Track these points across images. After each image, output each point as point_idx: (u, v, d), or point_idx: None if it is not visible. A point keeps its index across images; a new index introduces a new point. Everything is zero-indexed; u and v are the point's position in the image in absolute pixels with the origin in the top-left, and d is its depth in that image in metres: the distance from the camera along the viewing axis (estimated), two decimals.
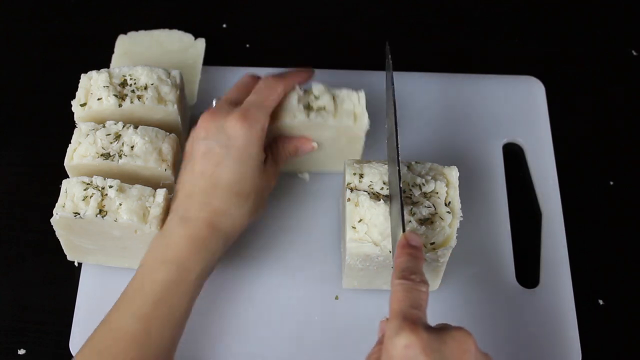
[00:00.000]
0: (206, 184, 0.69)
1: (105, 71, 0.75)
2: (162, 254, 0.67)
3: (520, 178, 0.84)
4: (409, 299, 0.56)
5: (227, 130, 0.69)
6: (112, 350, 0.63)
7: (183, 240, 0.67)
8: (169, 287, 0.65)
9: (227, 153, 0.69)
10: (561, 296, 0.76)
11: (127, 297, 0.66)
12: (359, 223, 0.68)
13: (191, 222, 0.68)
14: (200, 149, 0.70)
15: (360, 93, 0.76)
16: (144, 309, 0.64)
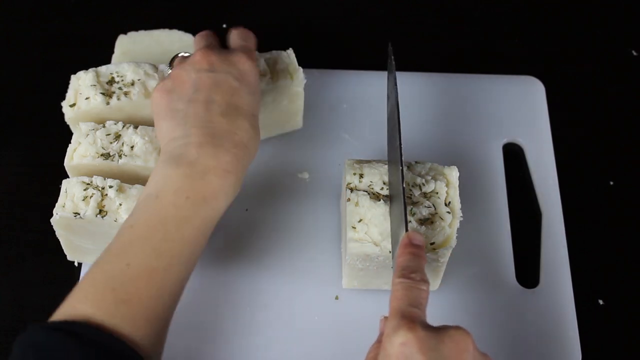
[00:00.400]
0: (225, 114, 0.66)
1: (92, 70, 0.75)
2: (187, 187, 0.62)
3: (520, 178, 0.84)
4: (408, 298, 0.56)
5: (237, 66, 0.68)
6: (128, 288, 0.58)
7: (211, 173, 0.63)
8: (194, 223, 0.61)
9: (241, 85, 0.67)
10: (561, 296, 0.75)
11: (143, 232, 0.61)
12: (359, 223, 0.68)
13: (219, 152, 0.64)
14: (208, 81, 0.67)
15: (288, 51, 0.78)
16: (167, 245, 0.60)
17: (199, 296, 0.74)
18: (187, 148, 0.64)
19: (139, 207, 0.63)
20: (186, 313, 0.73)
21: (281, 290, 0.75)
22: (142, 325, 0.57)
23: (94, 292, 0.57)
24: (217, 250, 0.77)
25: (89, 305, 0.56)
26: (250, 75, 0.69)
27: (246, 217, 0.79)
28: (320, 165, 0.82)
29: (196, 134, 0.64)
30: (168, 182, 0.62)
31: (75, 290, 0.59)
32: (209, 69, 0.68)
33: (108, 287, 0.57)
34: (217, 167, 0.63)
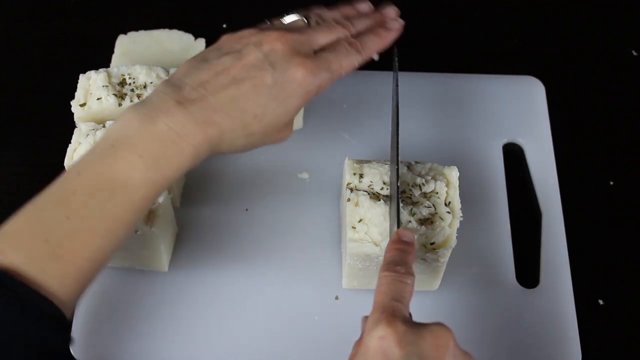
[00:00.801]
0: (230, 93, 0.60)
1: (103, 71, 0.75)
2: (143, 145, 0.57)
3: (520, 178, 0.84)
4: (391, 292, 0.56)
5: (291, 70, 0.61)
6: (64, 243, 0.54)
7: (173, 139, 0.57)
8: (142, 188, 0.57)
9: (273, 87, 0.61)
10: (561, 296, 0.75)
11: (90, 185, 0.56)
12: (359, 223, 0.68)
13: (191, 123, 0.58)
14: (251, 57, 0.61)
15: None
16: (112, 206, 0.56)
17: (199, 296, 0.74)
18: (166, 101, 0.59)
19: (93, 150, 0.58)
20: (186, 313, 0.73)
21: (281, 290, 0.75)
22: (70, 284, 0.54)
23: (27, 240, 0.54)
24: (217, 250, 0.77)
25: (21, 254, 0.53)
26: (294, 88, 0.62)
27: (246, 217, 0.79)
28: (320, 165, 0.82)
29: (187, 91, 0.59)
30: (128, 132, 0.57)
31: (7, 228, 0.55)
32: (264, 52, 0.62)
33: (42, 237, 0.54)
34: (181, 137, 0.58)
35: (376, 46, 0.68)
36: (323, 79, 0.63)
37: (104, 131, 0.61)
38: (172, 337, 0.72)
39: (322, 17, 0.68)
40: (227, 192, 0.81)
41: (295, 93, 0.62)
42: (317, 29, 0.66)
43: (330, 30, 0.66)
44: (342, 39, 0.66)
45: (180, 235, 0.78)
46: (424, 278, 0.72)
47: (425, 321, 0.55)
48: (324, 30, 0.66)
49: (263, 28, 0.65)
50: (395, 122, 0.70)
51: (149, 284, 0.75)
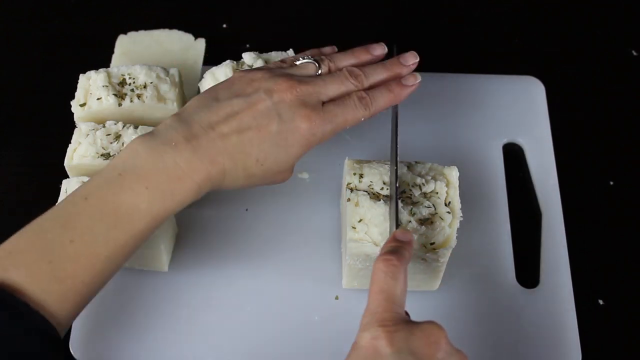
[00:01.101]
0: (235, 140, 0.62)
1: (103, 71, 0.75)
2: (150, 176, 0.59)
3: (520, 178, 0.84)
4: (382, 291, 0.56)
5: (297, 121, 0.63)
6: (66, 266, 0.56)
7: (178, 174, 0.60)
8: (146, 217, 0.59)
9: (276, 135, 0.63)
10: (561, 296, 0.75)
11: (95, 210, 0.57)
12: (359, 223, 0.68)
13: (196, 160, 0.60)
14: (260, 105, 0.63)
15: (289, 51, 0.77)
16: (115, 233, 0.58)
17: (199, 296, 0.74)
18: (174, 137, 0.61)
19: (100, 176, 0.60)
20: (186, 313, 0.73)
21: (281, 290, 0.75)
22: (67, 306, 0.56)
23: (30, 260, 0.55)
24: (217, 250, 0.77)
25: (22, 273, 0.54)
26: (297, 137, 0.64)
27: (246, 217, 0.79)
28: (320, 165, 0.82)
29: (195, 130, 0.62)
30: (136, 162, 0.59)
31: (10, 246, 0.56)
32: (277, 101, 0.64)
33: (46, 258, 0.55)
34: (186, 173, 0.60)
35: (387, 103, 0.69)
36: (326, 131, 0.65)
37: (112, 159, 0.62)
38: (172, 337, 0.72)
39: (336, 64, 0.70)
40: (227, 192, 0.81)
41: (298, 142, 0.64)
42: (328, 80, 0.67)
43: (342, 82, 0.67)
44: (353, 92, 0.67)
45: (180, 235, 0.78)
46: (424, 278, 0.72)
47: (424, 320, 0.56)
48: (335, 82, 0.67)
49: (275, 73, 0.66)
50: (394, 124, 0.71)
51: (149, 284, 0.75)
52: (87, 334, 0.72)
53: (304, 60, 0.70)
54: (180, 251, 0.77)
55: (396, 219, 0.63)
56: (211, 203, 0.80)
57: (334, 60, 0.70)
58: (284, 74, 0.66)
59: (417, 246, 0.67)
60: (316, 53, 0.72)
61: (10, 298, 0.53)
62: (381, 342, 0.53)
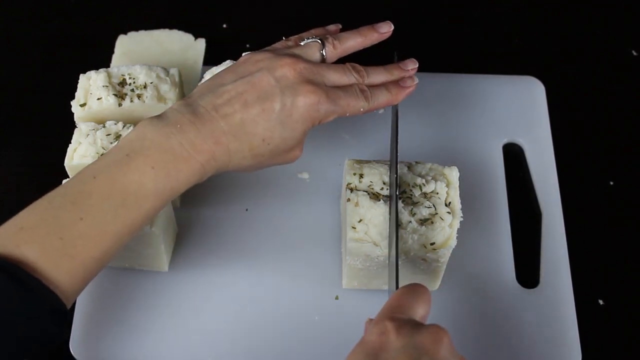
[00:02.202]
0: (239, 118, 0.63)
1: (103, 71, 0.75)
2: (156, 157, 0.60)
3: (520, 178, 0.84)
4: (400, 299, 0.56)
5: (299, 97, 0.64)
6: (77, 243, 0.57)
7: (184, 155, 0.61)
8: (152, 197, 0.60)
9: (280, 112, 0.64)
10: (561, 296, 0.75)
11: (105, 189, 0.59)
12: (359, 223, 0.68)
13: (200, 140, 0.62)
14: (263, 82, 0.64)
15: None
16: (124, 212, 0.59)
17: (199, 296, 0.74)
18: (180, 119, 0.62)
19: (108, 156, 0.61)
20: (186, 313, 0.73)
21: (281, 290, 0.75)
22: (76, 281, 0.57)
23: (42, 237, 0.56)
24: (217, 250, 0.77)
25: (35, 249, 0.55)
26: (300, 112, 0.64)
27: (246, 217, 0.79)
28: (320, 165, 0.82)
29: (200, 113, 0.63)
30: (143, 144, 0.61)
31: (21, 221, 0.57)
32: (275, 77, 0.65)
33: (57, 235, 0.56)
34: (191, 154, 0.61)
35: (385, 101, 0.70)
36: (329, 110, 0.66)
37: (119, 140, 0.64)
38: (171, 337, 0.72)
39: (341, 43, 0.71)
40: (227, 192, 0.81)
41: (302, 118, 0.65)
42: (331, 67, 0.68)
43: (345, 73, 0.69)
44: (355, 83, 0.69)
45: (180, 235, 0.78)
46: (424, 278, 0.72)
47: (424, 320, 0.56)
48: (339, 71, 0.68)
49: (280, 52, 0.67)
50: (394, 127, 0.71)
51: (149, 284, 0.75)
52: (87, 334, 0.72)
53: (308, 40, 0.70)
54: (180, 251, 0.77)
55: (396, 276, 0.65)
56: (211, 203, 0.80)
57: (338, 39, 0.71)
58: (288, 53, 0.67)
59: (417, 246, 0.67)
60: (321, 32, 0.73)
61: (23, 274, 0.53)
62: (389, 336, 0.53)
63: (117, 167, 0.60)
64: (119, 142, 0.62)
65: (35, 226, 0.57)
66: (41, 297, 0.54)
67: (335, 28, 0.74)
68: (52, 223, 0.57)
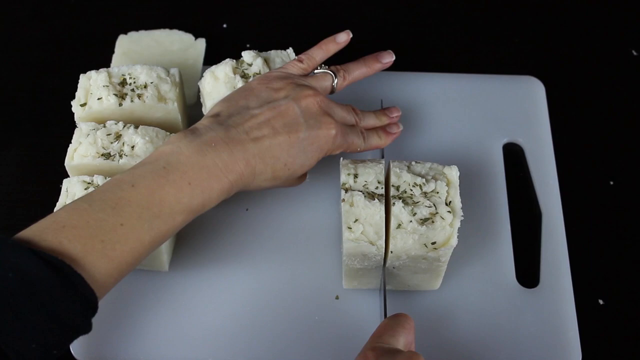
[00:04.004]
0: (266, 144, 0.67)
1: (104, 71, 0.75)
2: (192, 173, 0.63)
3: (521, 178, 0.84)
4: (384, 331, 0.60)
5: (322, 129, 0.70)
6: (116, 246, 0.59)
7: (217, 170, 0.65)
8: (184, 211, 0.63)
9: (303, 142, 0.69)
10: (561, 296, 0.76)
11: (143, 199, 0.61)
12: (355, 223, 0.67)
13: (232, 160, 0.66)
14: (291, 112, 0.69)
15: (288, 51, 0.78)
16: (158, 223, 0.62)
17: (199, 296, 0.74)
18: (214, 138, 0.65)
19: (145, 166, 0.63)
20: (186, 313, 0.73)
21: (281, 290, 0.75)
22: (110, 282, 0.60)
23: (85, 237, 0.58)
24: (217, 250, 0.77)
25: (77, 248, 0.57)
26: (320, 144, 0.70)
27: (246, 217, 0.79)
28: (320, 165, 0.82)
29: (233, 134, 0.66)
30: (180, 159, 0.63)
31: (63, 219, 0.59)
32: (304, 108, 0.70)
33: (99, 237, 0.59)
34: (223, 172, 0.65)
35: (375, 144, 0.77)
36: (340, 143, 0.72)
37: (155, 149, 0.66)
38: (172, 337, 0.72)
39: (349, 74, 0.77)
40: None
41: (320, 147, 0.71)
42: (339, 106, 0.74)
43: (349, 112, 0.75)
44: (356, 124, 0.75)
45: (180, 235, 0.78)
46: (425, 277, 0.72)
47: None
48: (344, 110, 0.75)
49: (298, 82, 0.72)
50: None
51: (149, 284, 0.75)
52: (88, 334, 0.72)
53: (320, 70, 0.76)
54: (180, 251, 0.77)
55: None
56: None
57: (347, 71, 0.77)
58: (307, 85, 0.73)
59: (418, 246, 0.67)
60: (332, 46, 0.77)
61: (68, 269, 0.55)
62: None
63: (154, 178, 0.62)
64: (154, 152, 0.65)
65: (78, 226, 0.58)
66: (82, 292, 0.56)
67: (346, 37, 0.78)
68: (94, 225, 0.59)
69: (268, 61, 0.77)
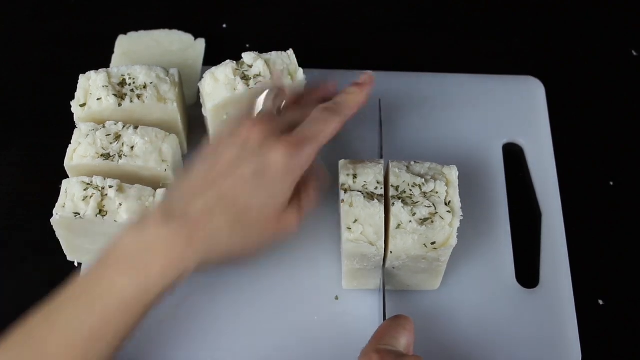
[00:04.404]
0: (214, 195, 0.61)
1: (103, 71, 0.75)
2: (131, 255, 0.59)
3: (520, 178, 0.84)
4: (385, 334, 0.60)
5: (268, 154, 0.61)
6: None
7: (159, 242, 0.59)
8: (129, 300, 0.58)
9: (254, 176, 0.61)
10: (561, 296, 0.75)
11: (76, 299, 0.58)
12: (354, 224, 0.67)
13: (176, 222, 0.59)
14: (227, 156, 0.62)
15: (289, 52, 0.78)
16: (94, 320, 0.57)
17: (199, 296, 0.74)
18: (153, 215, 0.60)
19: (92, 265, 0.60)
20: (186, 313, 0.73)
21: (281, 290, 0.75)
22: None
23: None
24: None
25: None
26: (277, 170, 0.61)
27: None
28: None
29: (170, 206, 0.61)
30: (117, 242, 0.60)
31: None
32: (239, 144, 0.62)
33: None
34: (165, 244, 0.59)
35: (354, 101, 0.67)
36: (304, 155, 0.62)
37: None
38: (171, 337, 0.72)
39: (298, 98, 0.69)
40: None
41: (278, 177, 0.61)
42: (288, 111, 0.67)
43: (301, 107, 0.67)
44: (316, 108, 0.66)
45: None
46: (424, 277, 0.72)
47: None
48: (295, 109, 0.67)
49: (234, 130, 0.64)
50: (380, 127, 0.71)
51: None
52: None
53: (260, 102, 0.67)
54: None
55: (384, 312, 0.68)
56: None
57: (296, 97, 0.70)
58: (244, 123, 0.64)
59: (417, 246, 0.67)
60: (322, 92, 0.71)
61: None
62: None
63: (91, 271, 0.59)
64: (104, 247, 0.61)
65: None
66: None
67: (333, 85, 0.72)
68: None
69: (269, 63, 0.77)
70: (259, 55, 0.76)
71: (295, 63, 0.77)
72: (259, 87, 0.72)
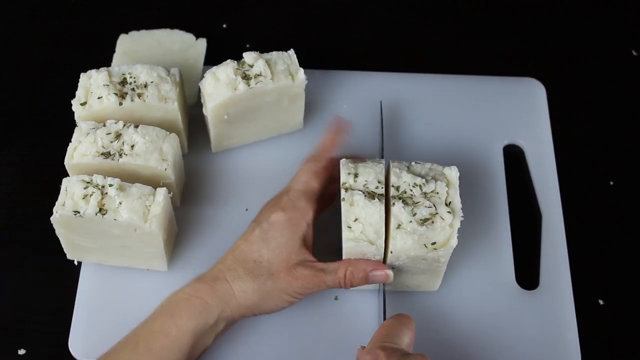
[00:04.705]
0: (231, 257, 0.71)
1: (104, 70, 0.75)
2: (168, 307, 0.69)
3: (521, 179, 0.84)
4: (388, 332, 0.62)
5: (271, 216, 0.71)
6: None
7: (184, 296, 0.69)
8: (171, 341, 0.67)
9: (260, 234, 0.71)
10: (561, 298, 0.75)
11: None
12: (355, 222, 0.67)
13: (199, 282, 0.70)
14: (254, 226, 0.72)
15: (289, 52, 0.78)
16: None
17: None
18: (189, 283, 0.71)
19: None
20: None
21: None
22: None
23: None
24: (217, 250, 0.77)
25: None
26: (277, 230, 0.71)
27: (246, 217, 0.79)
28: None
29: (203, 275, 0.71)
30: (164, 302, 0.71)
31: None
32: (262, 213, 0.74)
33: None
34: (193, 295, 0.69)
35: (330, 144, 0.76)
36: (300, 209, 0.72)
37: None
38: None
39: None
40: (227, 192, 0.81)
41: (280, 232, 0.71)
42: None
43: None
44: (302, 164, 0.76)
45: (180, 235, 0.78)
46: (425, 278, 0.72)
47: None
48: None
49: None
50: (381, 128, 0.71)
51: (149, 284, 0.75)
52: (87, 333, 0.72)
53: None
54: (180, 251, 0.77)
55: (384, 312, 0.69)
56: (211, 203, 0.80)
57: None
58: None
59: (418, 246, 0.67)
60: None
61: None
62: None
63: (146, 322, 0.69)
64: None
65: None
66: None
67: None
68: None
69: (270, 63, 0.76)
70: (260, 55, 0.76)
71: (296, 63, 0.77)
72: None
